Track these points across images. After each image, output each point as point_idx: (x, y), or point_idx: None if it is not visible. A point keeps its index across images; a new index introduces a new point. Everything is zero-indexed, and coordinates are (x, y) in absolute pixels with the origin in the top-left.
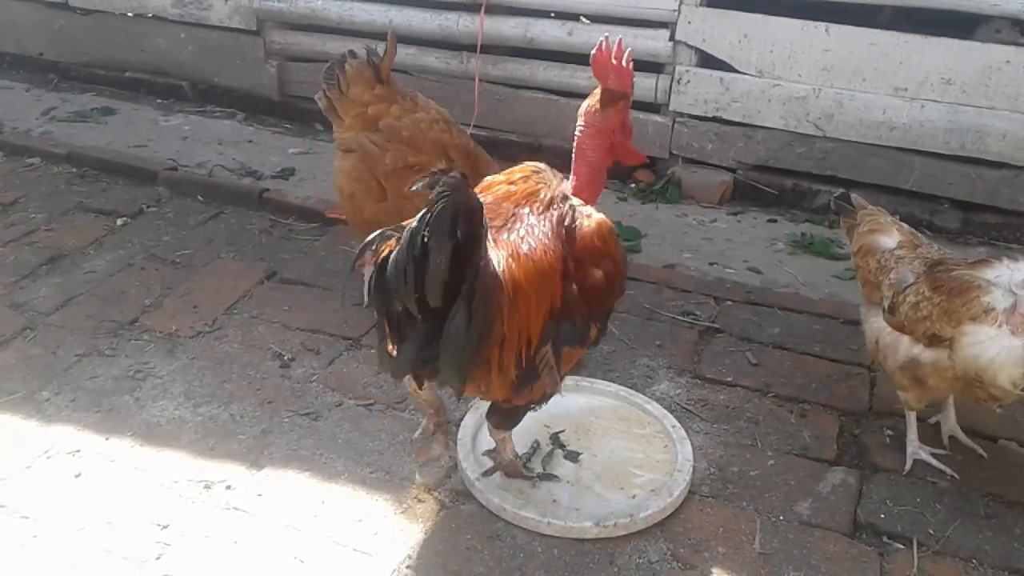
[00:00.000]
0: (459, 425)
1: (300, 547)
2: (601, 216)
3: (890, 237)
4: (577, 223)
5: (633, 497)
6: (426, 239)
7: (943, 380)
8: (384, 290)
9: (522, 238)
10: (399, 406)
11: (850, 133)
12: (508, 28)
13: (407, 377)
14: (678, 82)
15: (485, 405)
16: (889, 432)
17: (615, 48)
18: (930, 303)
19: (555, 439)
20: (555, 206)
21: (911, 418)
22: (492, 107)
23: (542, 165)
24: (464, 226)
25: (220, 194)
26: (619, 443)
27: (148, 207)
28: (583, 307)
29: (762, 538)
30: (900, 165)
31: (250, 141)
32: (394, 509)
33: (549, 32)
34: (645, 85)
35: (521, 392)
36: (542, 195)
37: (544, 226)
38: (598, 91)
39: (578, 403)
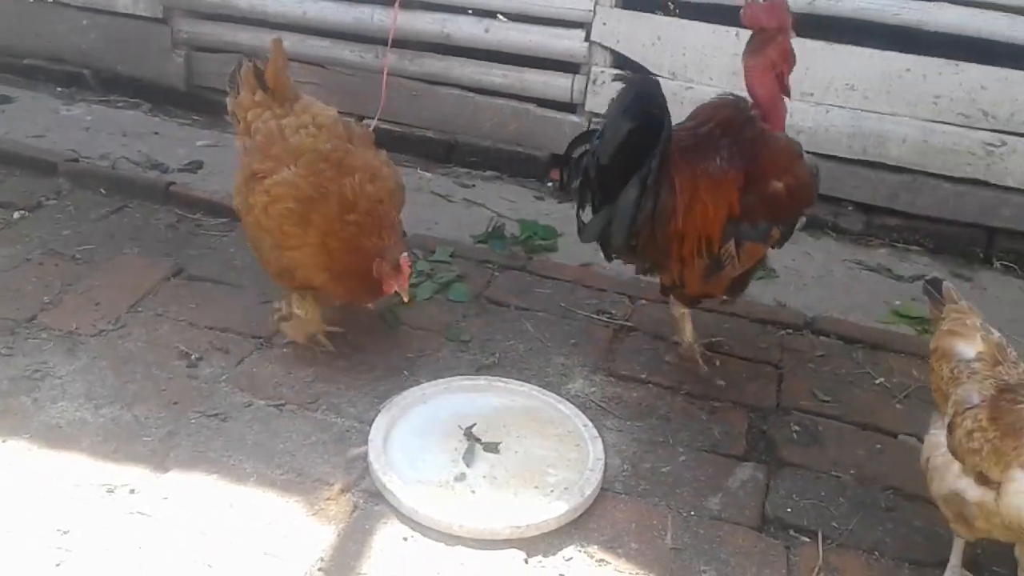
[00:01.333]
0: (371, 425)
1: (208, 552)
2: (786, 137)
3: (970, 345)
4: (764, 143)
5: (546, 496)
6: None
7: (991, 524)
8: (579, 164)
9: (707, 156)
10: (311, 406)
11: None
12: (424, 23)
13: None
14: (594, 83)
15: (395, 406)
16: (796, 427)
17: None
18: (983, 436)
19: (469, 434)
20: (747, 129)
21: (957, 545)
22: (408, 103)
23: (732, 96)
24: (641, 110)
25: (124, 187)
26: (533, 442)
27: (47, 200)
28: (763, 211)
29: (673, 533)
30: None
31: (156, 133)
32: (305, 511)
33: (466, 29)
34: (561, 85)
35: (710, 280)
36: (736, 119)
37: (731, 147)
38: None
39: (492, 404)
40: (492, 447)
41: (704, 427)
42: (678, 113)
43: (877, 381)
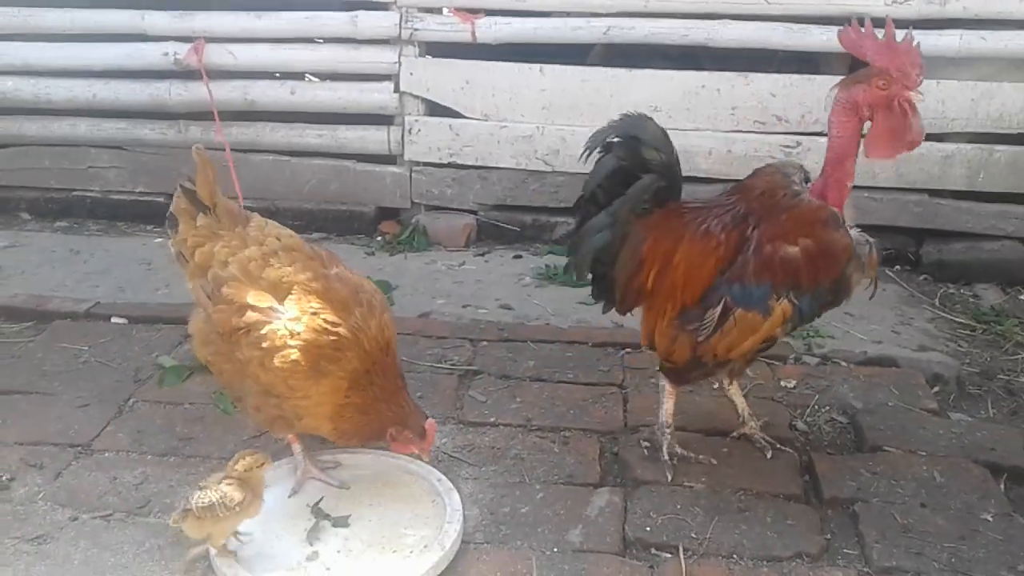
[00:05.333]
0: None
1: None
2: (819, 205)
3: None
4: (784, 208)
5: (406, 558)
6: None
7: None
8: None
9: (702, 221)
10: (142, 511)
11: (576, 166)
12: (226, 92)
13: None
14: (409, 132)
15: None
16: (646, 444)
17: (869, 26)
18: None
19: (317, 511)
20: (778, 197)
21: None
22: (220, 174)
23: (789, 166)
24: (626, 153)
25: None
26: (386, 507)
27: None
28: (762, 274)
29: (539, 574)
30: None
31: None
32: None
33: (270, 93)
34: (377, 138)
35: (676, 342)
36: (773, 192)
37: (734, 214)
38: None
39: (340, 477)
40: (342, 521)
41: (558, 460)
42: (497, 152)
43: (715, 385)
